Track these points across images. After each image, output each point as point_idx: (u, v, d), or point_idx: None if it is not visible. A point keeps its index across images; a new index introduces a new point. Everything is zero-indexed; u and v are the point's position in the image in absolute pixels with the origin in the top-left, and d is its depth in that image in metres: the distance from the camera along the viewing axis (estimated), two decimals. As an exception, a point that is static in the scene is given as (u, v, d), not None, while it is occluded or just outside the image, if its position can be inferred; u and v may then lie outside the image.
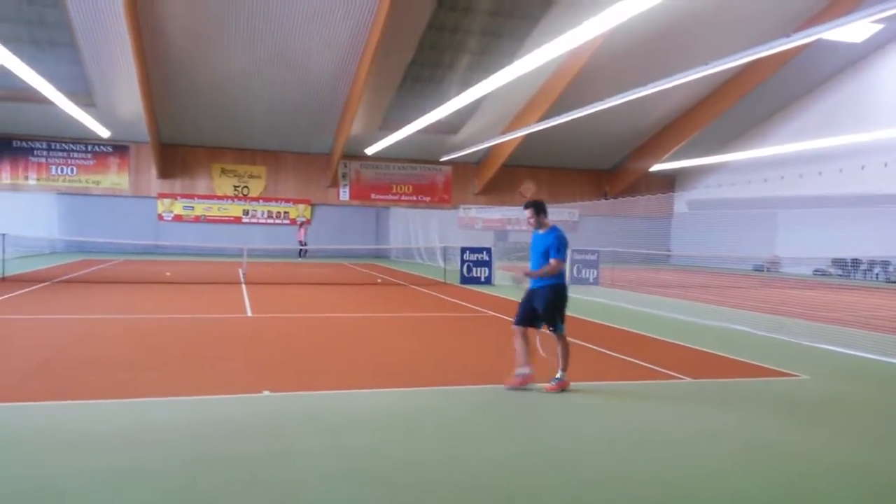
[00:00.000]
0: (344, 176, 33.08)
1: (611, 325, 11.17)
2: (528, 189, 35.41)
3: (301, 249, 29.42)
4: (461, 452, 4.63)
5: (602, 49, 22.47)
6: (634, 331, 10.54)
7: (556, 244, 6.28)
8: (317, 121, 28.53)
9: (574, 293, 15.92)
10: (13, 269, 16.86)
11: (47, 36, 21.89)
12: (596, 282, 18.64)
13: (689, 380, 7.17)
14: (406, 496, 3.84)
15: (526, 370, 6.34)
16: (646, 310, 13.30)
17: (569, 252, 6.54)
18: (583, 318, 11.96)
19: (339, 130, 28.72)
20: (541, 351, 6.50)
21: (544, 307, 6.32)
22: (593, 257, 19.05)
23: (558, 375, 6.33)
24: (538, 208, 6.51)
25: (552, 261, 6.26)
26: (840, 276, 25.50)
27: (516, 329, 6.46)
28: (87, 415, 5.26)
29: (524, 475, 4.23)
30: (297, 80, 25.10)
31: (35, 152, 29.05)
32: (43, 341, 8.15)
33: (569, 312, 12.25)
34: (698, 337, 9.97)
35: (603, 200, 32.82)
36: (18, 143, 28.74)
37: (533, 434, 5.13)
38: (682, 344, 9.42)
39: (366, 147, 30.04)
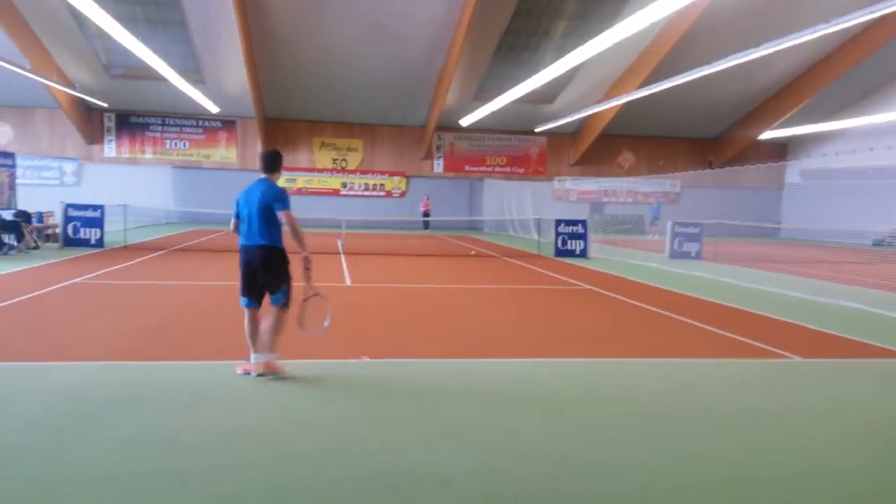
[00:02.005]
0: (438, 148, 33.25)
1: (714, 300, 10.71)
2: (627, 160, 34.34)
3: (426, 220, 29.89)
4: (556, 423, 4.60)
5: (711, 8, 21.24)
6: (740, 307, 10.06)
7: None
8: (412, 93, 28.73)
9: (675, 268, 15.52)
10: (133, 238, 18.13)
11: (160, 15, 23.07)
12: (698, 256, 17.93)
13: (798, 359, 6.78)
14: (501, 463, 3.86)
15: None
16: (753, 286, 12.66)
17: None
18: (684, 293, 11.56)
19: (433, 102, 28.81)
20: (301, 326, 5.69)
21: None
22: (696, 230, 18.30)
23: (258, 357, 5.47)
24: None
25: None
26: (975, 252, 23.24)
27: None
28: (201, 374, 5.61)
29: (619, 448, 4.16)
30: (393, 53, 25.30)
31: (151, 127, 30.95)
32: (161, 305, 8.74)
33: (670, 287, 11.89)
34: (810, 314, 9.40)
35: (707, 171, 31.35)
36: (136, 118, 30.71)
37: (624, 408, 5.02)
38: (791, 321, 8.90)
39: (460, 118, 30.01)
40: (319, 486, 3.53)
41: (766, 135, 31.42)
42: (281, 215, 5.48)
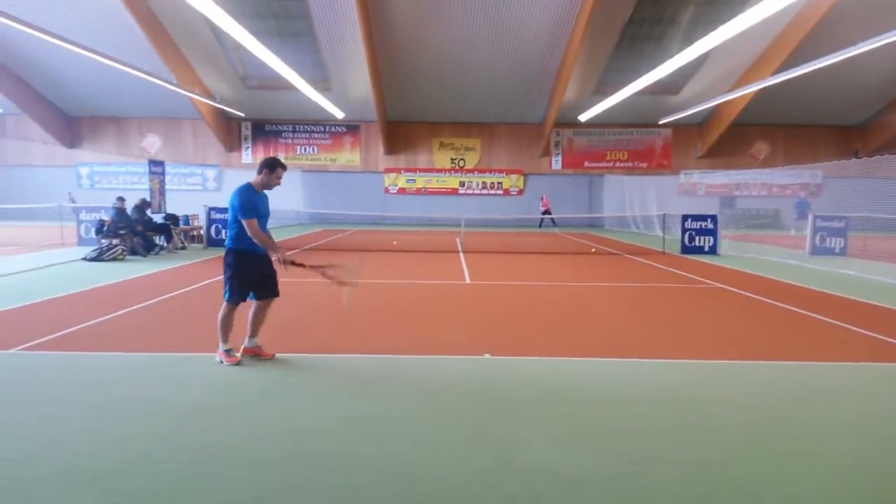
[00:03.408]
0: (556, 144, 32.86)
1: (862, 300, 9.85)
2: (761, 150, 32.30)
3: (543, 219, 29.75)
4: (690, 427, 4.42)
5: (855, -15, 19.58)
6: (893, 307, 9.19)
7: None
8: (530, 91, 28.57)
9: (817, 265, 14.44)
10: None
11: (291, 28, 24.41)
12: (843, 252, 16.56)
13: (968, 366, 6.10)
14: (630, 466, 3.77)
15: (247, 342, 6.06)
16: (908, 284, 11.53)
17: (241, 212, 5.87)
18: (827, 291, 10.73)
19: (551, 99, 28.50)
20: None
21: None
22: (840, 224, 16.93)
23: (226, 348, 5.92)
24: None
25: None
26: None
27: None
28: (336, 366, 5.88)
29: (759, 454, 3.93)
30: (511, 51, 25.29)
31: (283, 134, 32.84)
32: (297, 301, 9.23)
33: (811, 285, 11.10)
34: (981, 317, 8.42)
35: (853, 160, 28.83)
36: (270, 126, 32.69)
37: (762, 414, 4.73)
38: (958, 325, 8.02)
39: (579, 114, 29.47)
40: (455, 477, 3.60)
41: (924, 118, 28.47)
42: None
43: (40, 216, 25.06)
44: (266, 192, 6.12)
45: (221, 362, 5.83)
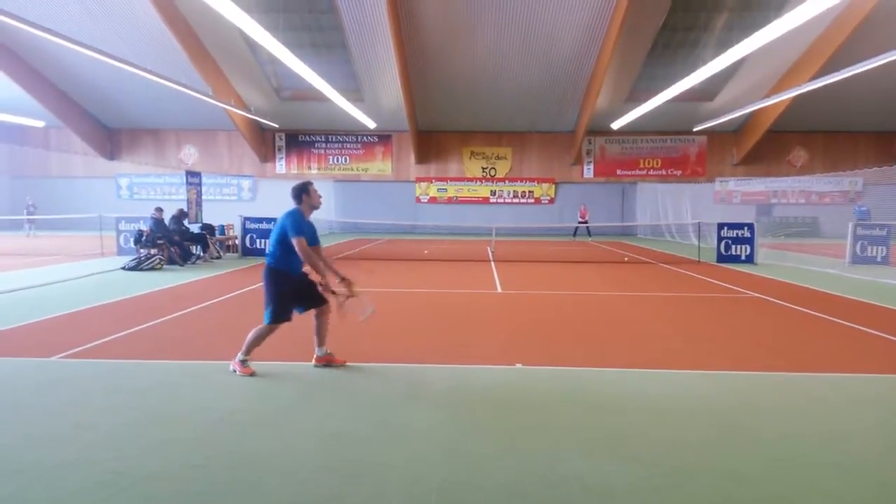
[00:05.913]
0: (588, 153, 32.64)
1: (907, 311, 9.57)
2: (799, 157, 31.66)
3: (578, 228, 29.46)
4: (723, 438, 4.33)
5: (896, -13, 19.11)
6: (940, 319, 8.90)
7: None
8: (561, 99, 28.46)
9: (857, 274, 14.05)
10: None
11: (324, 40, 24.73)
12: (886, 261, 16.11)
13: None
14: (665, 479, 3.70)
15: (317, 351, 6.19)
16: (956, 294, 11.15)
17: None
18: (869, 301, 10.43)
19: (583, 107, 28.34)
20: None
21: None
22: (882, 233, 16.48)
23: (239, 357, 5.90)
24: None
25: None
26: None
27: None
28: (368, 375, 5.90)
29: (796, 468, 3.82)
30: (542, 60, 25.24)
31: (316, 145, 33.22)
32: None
33: (851, 295, 10.81)
34: None
35: (895, 166, 28.08)
36: (303, 137, 33.11)
37: (802, 428, 4.60)
38: None
39: (611, 121, 29.24)
40: (487, 488, 3.58)
41: (970, 123, 27.58)
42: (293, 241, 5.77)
43: (81, 226, 25.73)
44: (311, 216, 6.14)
45: (235, 371, 5.84)
